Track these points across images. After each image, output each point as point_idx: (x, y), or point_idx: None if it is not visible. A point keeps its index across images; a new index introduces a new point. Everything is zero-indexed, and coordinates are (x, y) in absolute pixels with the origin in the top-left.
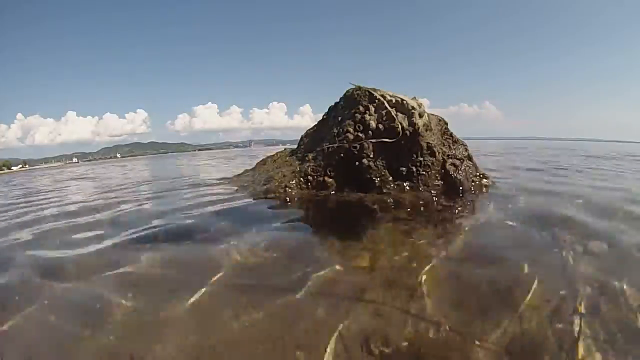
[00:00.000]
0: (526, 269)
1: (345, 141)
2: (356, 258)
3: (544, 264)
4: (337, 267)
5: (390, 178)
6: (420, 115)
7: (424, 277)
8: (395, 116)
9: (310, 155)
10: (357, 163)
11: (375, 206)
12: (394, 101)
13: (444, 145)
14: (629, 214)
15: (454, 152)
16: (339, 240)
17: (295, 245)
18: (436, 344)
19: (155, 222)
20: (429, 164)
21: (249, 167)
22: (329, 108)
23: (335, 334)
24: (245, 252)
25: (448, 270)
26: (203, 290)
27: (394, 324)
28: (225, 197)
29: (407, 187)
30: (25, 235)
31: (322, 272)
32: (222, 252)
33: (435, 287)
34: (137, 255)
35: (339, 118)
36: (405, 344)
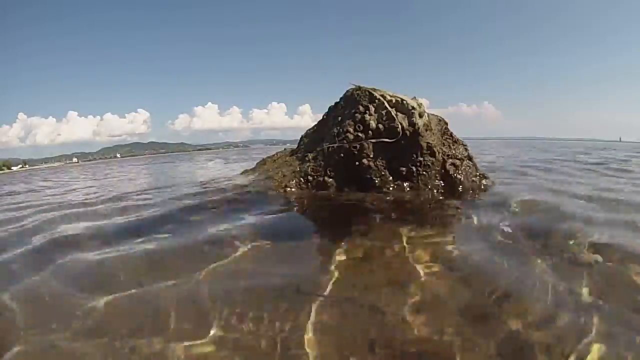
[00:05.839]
0: (517, 274)
1: (345, 141)
2: (354, 258)
3: (529, 272)
4: (334, 268)
5: (390, 178)
6: (420, 115)
7: (423, 279)
8: (395, 116)
9: (310, 155)
10: (357, 163)
11: (375, 206)
12: (394, 101)
13: (444, 145)
14: None
15: (454, 152)
16: (337, 241)
17: (294, 245)
18: (432, 345)
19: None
20: (429, 164)
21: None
22: (329, 108)
23: (334, 336)
24: (236, 254)
25: (445, 272)
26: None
27: (393, 325)
28: (226, 197)
29: (407, 187)
30: None
31: (320, 273)
32: (218, 250)
33: (434, 289)
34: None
35: (339, 118)
36: (402, 344)
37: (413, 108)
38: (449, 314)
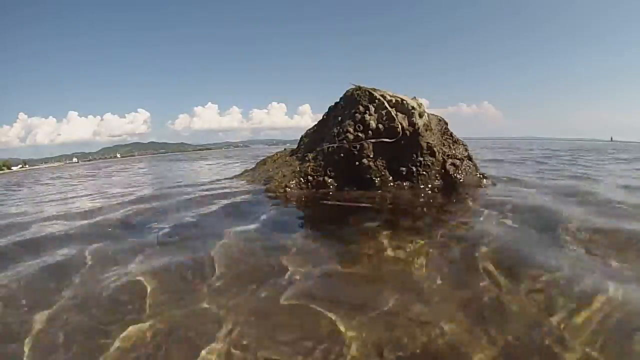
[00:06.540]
0: (520, 276)
1: (345, 141)
2: (352, 258)
3: (536, 268)
4: (333, 268)
5: (390, 178)
6: (420, 115)
7: (422, 280)
8: (395, 116)
9: (310, 155)
10: (357, 163)
11: (375, 206)
12: (394, 101)
13: (444, 145)
14: None
15: (454, 152)
16: (336, 241)
17: (293, 245)
18: (431, 345)
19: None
20: (429, 164)
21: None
22: (329, 108)
23: (331, 338)
24: (236, 251)
25: (444, 273)
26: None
27: (392, 326)
28: (226, 196)
29: (407, 187)
30: None
31: (319, 273)
32: (217, 249)
33: (433, 289)
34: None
35: (339, 118)
36: (402, 344)
37: (413, 108)
38: (457, 308)
